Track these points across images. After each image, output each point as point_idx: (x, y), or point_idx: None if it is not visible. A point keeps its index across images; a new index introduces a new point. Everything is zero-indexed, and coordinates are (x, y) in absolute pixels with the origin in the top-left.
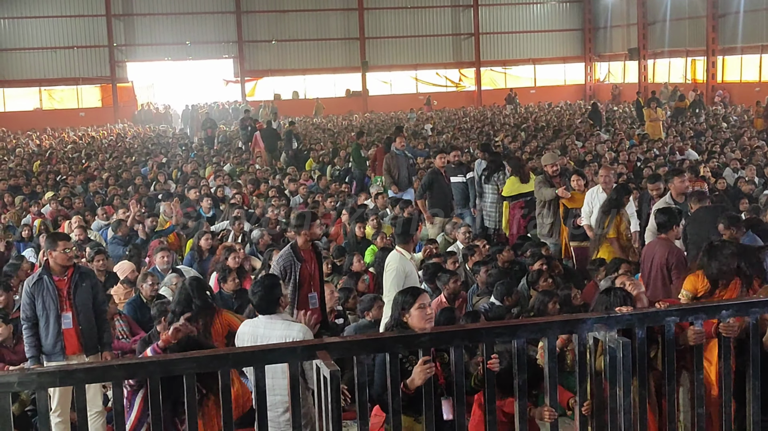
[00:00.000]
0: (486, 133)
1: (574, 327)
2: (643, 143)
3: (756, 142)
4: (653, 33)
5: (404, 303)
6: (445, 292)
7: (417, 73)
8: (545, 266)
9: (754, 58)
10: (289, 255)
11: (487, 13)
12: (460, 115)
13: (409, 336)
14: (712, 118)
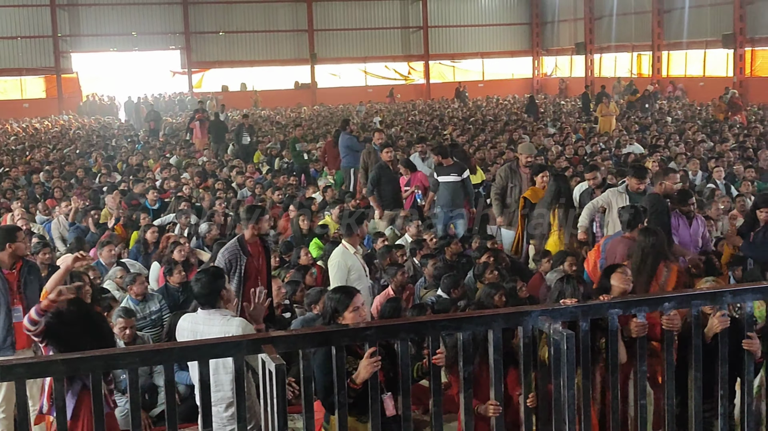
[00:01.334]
0: (434, 126)
1: (519, 319)
2: (589, 137)
3: (699, 136)
4: (600, 28)
5: (338, 304)
6: (392, 285)
7: (366, 65)
8: (492, 259)
9: (699, 53)
10: (235, 248)
11: (435, 6)
12: (409, 108)
13: (354, 329)
14: (657, 113)
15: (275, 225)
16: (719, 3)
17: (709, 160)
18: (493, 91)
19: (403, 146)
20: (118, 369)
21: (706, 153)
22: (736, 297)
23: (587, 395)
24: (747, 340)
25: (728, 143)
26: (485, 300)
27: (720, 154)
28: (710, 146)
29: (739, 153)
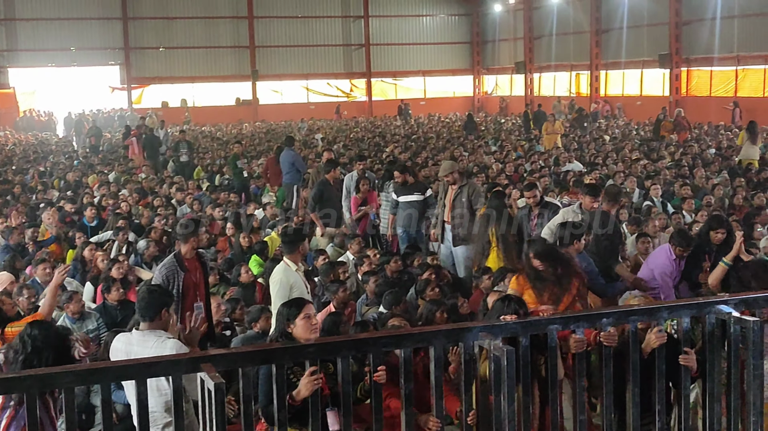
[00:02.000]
0: (377, 143)
1: (460, 335)
2: (529, 155)
3: (636, 154)
4: (539, 47)
5: (289, 314)
6: (334, 302)
7: (308, 82)
8: (433, 275)
9: (636, 73)
10: (172, 264)
11: (377, 24)
12: (351, 125)
13: (295, 347)
14: (596, 131)
15: (215, 242)
16: (656, 23)
17: (647, 177)
18: (435, 108)
19: (345, 163)
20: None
21: (643, 171)
22: (672, 313)
23: (527, 411)
24: (683, 356)
25: (665, 161)
26: (427, 317)
27: (657, 171)
28: (648, 164)
29: (675, 171)
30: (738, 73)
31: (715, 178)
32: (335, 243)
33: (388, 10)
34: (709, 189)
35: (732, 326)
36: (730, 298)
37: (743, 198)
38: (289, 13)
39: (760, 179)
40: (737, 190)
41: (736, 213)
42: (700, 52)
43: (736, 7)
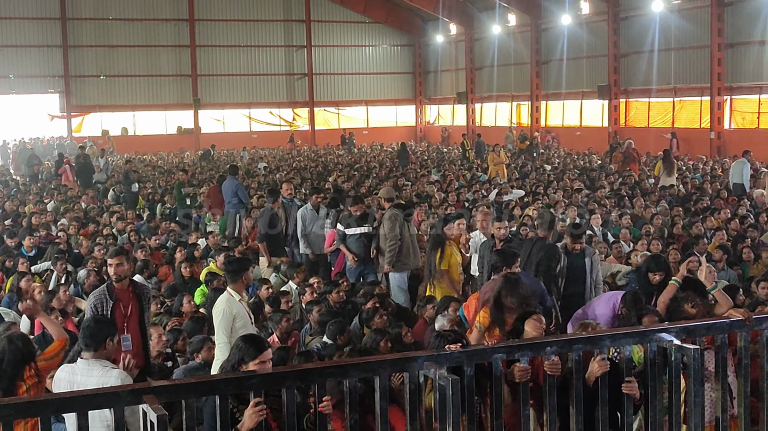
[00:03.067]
0: (319, 172)
1: (405, 365)
2: (471, 184)
3: (576, 183)
4: (481, 78)
5: (246, 354)
6: (277, 332)
7: (250, 111)
8: (378, 304)
9: (576, 104)
10: (101, 292)
11: (320, 54)
12: (294, 154)
13: (239, 377)
14: (538, 160)
15: (156, 272)
16: (595, 55)
17: (587, 209)
18: (378, 137)
19: None
20: None
21: (584, 200)
22: (615, 342)
23: None
24: (626, 384)
25: (604, 190)
26: (371, 346)
27: (597, 201)
28: (588, 193)
29: (615, 200)
30: (675, 105)
31: (654, 208)
32: (280, 272)
33: (331, 41)
34: (649, 218)
35: (673, 354)
36: (672, 326)
37: (682, 227)
38: (231, 43)
39: (698, 209)
40: (676, 220)
41: (676, 242)
42: (639, 84)
43: (673, 40)
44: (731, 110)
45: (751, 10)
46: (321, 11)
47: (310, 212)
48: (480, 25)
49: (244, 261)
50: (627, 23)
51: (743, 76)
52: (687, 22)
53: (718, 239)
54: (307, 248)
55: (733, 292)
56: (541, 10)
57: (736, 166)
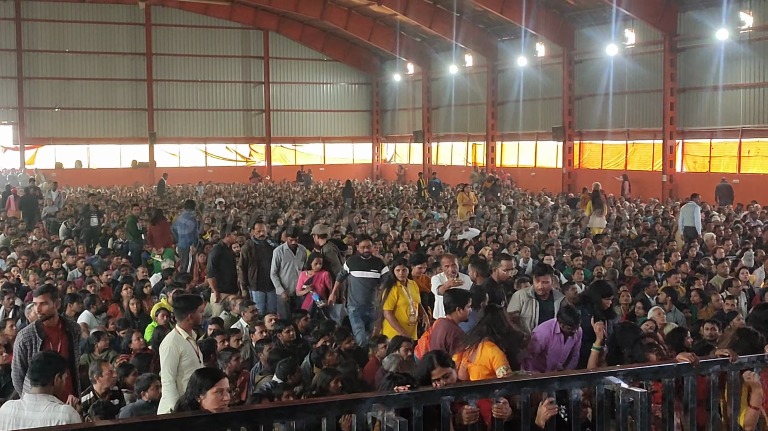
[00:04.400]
0: (274, 208)
1: (353, 406)
2: (426, 222)
3: (530, 224)
4: (437, 117)
5: (202, 384)
6: (226, 370)
7: (206, 146)
8: (329, 343)
9: (531, 144)
10: (30, 330)
11: (278, 90)
12: (249, 190)
13: (185, 418)
14: (502, 200)
15: (105, 308)
16: (550, 97)
17: (540, 249)
18: (334, 174)
19: (243, 228)
20: None
21: (537, 240)
22: (563, 385)
23: None
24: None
25: (557, 231)
26: (321, 386)
27: (550, 241)
28: (541, 234)
29: (567, 241)
30: (628, 147)
31: (606, 250)
32: (229, 309)
33: (289, 77)
34: (600, 260)
35: (621, 397)
36: (619, 370)
37: (633, 269)
38: (189, 77)
39: (649, 251)
40: (627, 262)
41: (626, 284)
42: (593, 126)
43: (627, 84)
44: (683, 154)
45: (703, 55)
46: (279, 48)
47: (286, 252)
48: (437, 65)
49: (193, 299)
50: (581, 66)
51: (695, 120)
52: (640, 66)
53: (671, 282)
54: (279, 288)
55: (681, 335)
56: (497, 51)
57: (686, 209)
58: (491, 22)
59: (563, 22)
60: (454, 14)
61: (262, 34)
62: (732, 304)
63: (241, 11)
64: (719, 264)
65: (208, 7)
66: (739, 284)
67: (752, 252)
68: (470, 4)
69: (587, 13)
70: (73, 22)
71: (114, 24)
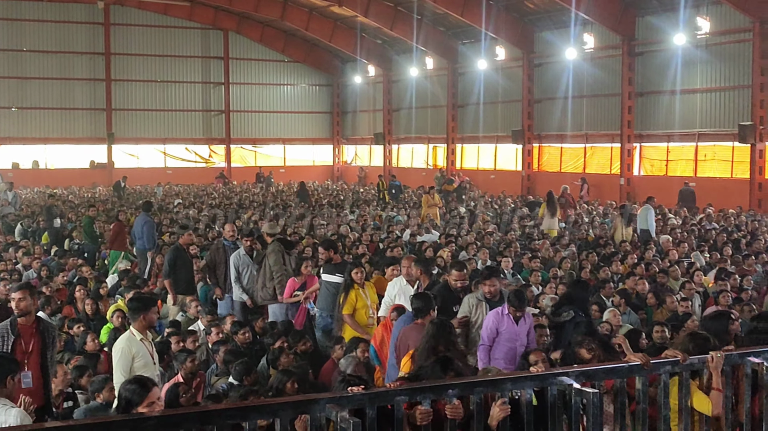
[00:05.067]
0: (235, 210)
1: (307, 407)
2: (386, 225)
3: (489, 226)
4: (398, 119)
5: (133, 395)
6: (182, 372)
7: (165, 147)
8: (286, 344)
9: (490, 147)
10: (4, 327)
11: (238, 91)
12: (209, 191)
13: (135, 419)
14: (465, 203)
15: (60, 310)
16: (510, 101)
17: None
18: (295, 176)
19: (202, 229)
20: None
21: (495, 243)
22: (515, 385)
23: None
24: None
25: (515, 233)
26: (278, 387)
27: (508, 243)
28: (500, 236)
29: (526, 243)
30: (587, 150)
31: (563, 252)
32: (186, 311)
33: (249, 78)
34: (557, 262)
35: (573, 397)
36: (572, 370)
37: (590, 271)
38: (148, 77)
39: (606, 254)
40: (584, 264)
41: None
42: (552, 129)
43: (585, 88)
44: (641, 157)
45: (661, 60)
46: (240, 49)
47: (243, 258)
48: (398, 68)
49: (146, 299)
50: (541, 70)
51: (653, 124)
52: (599, 70)
53: (629, 284)
54: (243, 294)
55: (636, 336)
56: (457, 54)
57: (642, 212)
58: (452, 25)
59: (523, 26)
60: (415, 17)
61: (222, 35)
62: (686, 306)
63: (201, 11)
64: (674, 267)
65: (168, 6)
66: (693, 286)
67: (698, 254)
68: (431, 6)
69: (547, 16)
70: (30, 20)
71: (72, 23)
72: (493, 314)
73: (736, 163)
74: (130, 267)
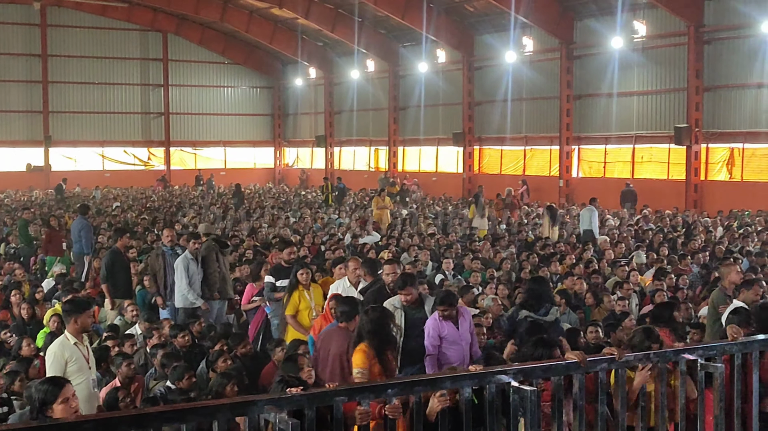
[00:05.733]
0: (173, 212)
1: (245, 409)
2: (328, 227)
3: (431, 228)
4: (339, 122)
5: (46, 395)
6: (119, 376)
7: (104, 149)
8: (225, 347)
9: (432, 150)
10: None
11: (177, 93)
12: (148, 194)
13: (69, 423)
14: (409, 205)
15: None
16: (451, 103)
17: (440, 251)
18: (236, 179)
19: (140, 232)
20: None
21: (437, 245)
22: (454, 383)
23: None
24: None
25: (456, 235)
26: (217, 391)
27: (449, 245)
28: (441, 238)
29: (467, 245)
30: (526, 153)
31: (503, 253)
32: (125, 315)
33: (188, 80)
34: (498, 263)
35: (511, 395)
36: (510, 368)
37: (529, 271)
38: (86, 79)
39: (545, 254)
40: (523, 264)
41: (522, 286)
42: (492, 132)
43: (525, 91)
44: (579, 159)
45: (598, 64)
46: (179, 50)
47: (191, 261)
48: (339, 70)
49: (80, 302)
50: (481, 73)
51: (591, 126)
52: (538, 73)
53: (567, 284)
54: (197, 299)
55: (574, 335)
56: (398, 57)
57: (585, 213)
58: (393, 28)
59: (463, 29)
60: (356, 19)
61: (161, 36)
62: (623, 305)
63: (140, 13)
64: (615, 267)
65: (106, 8)
66: (630, 286)
67: (640, 253)
68: (372, 9)
69: (487, 20)
70: None
71: (8, 24)
72: (431, 322)
73: (673, 165)
74: (68, 271)
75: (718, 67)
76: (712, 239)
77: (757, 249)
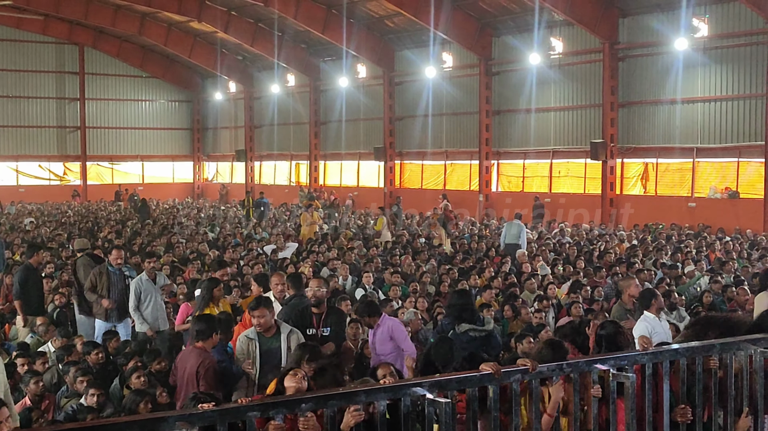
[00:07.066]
0: (89, 228)
1: (156, 425)
2: (247, 242)
3: (354, 242)
4: (260, 136)
5: None
6: (28, 395)
7: (18, 164)
8: (140, 364)
9: (353, 164)
10: None
11: (94, 107)
12: (63, 209)
13: None
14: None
15: None
16: (372, 118)
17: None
18: (154, 193)
19: (54, 248)
20: None
21: (357, 258)
22: (369, 397)
23: None
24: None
25: (378, 249)
26: (131, 408)
27: (369, 259)
28: (364, 252)
29: (387, 259)
30: (447, 167)
31: (424, 266)
32: (38, 332)
33: (105, 94)
34: (418, 277)
35: (426, 408)
36: (424, 381)
37: (449, 285)
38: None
39: (464, 267)
40: (443, 278)
41: (442, 299)
42: (413, 147)
43: (445, 106)
44: (498, 174)
45: (516, 80)
46: (95, 64)
47: (146, 283)
48: (259, 84)
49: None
50: (402, 88)
51: (509, 141)
52: (458, 89)
53: (485, 297)
54: (143, 325)
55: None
56: (319, 71)
57: (511, 227)
58: (313, 42)
59: (384, 44)
60: (276, 33)
61: (78, 49)
62: (540, 317)
63: (56, 25)
64: (528, 281)
65: (20, 20)
66: (547, 302)
67: (544, 265)
68: (292, 23)
69: (407, 36)
70: None
71: None
72: (370, 338)
73: (589, 179)
74: None
75: (633, 84)
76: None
77: (670, 262)
